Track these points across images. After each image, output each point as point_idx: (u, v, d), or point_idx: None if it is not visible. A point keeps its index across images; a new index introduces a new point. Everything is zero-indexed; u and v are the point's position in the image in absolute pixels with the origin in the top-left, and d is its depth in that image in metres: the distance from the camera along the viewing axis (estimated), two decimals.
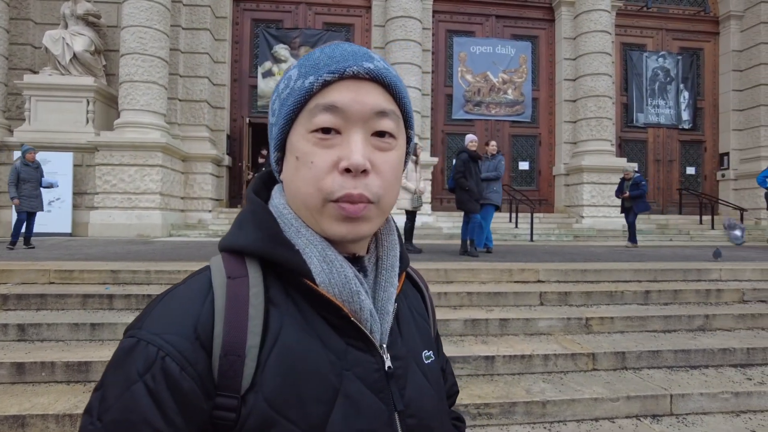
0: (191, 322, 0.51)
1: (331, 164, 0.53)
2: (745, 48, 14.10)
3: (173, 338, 0.50)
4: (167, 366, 0.48)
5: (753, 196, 13.47)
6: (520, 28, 13.92)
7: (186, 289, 0.55)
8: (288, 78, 0.57)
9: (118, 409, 0.48)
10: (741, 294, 4.99)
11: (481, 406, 3.01)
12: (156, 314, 0.52)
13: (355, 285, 0.56)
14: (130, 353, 0.49)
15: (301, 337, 0.53)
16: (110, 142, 10.06)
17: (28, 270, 4.66)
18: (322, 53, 0.56)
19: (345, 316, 0.55)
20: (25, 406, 2.82)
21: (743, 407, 3.28)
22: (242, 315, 0.52)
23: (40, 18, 11.66)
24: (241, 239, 0.58)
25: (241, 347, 0.51)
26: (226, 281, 0.54)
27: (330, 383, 0.52)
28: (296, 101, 0.55)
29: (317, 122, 0.54)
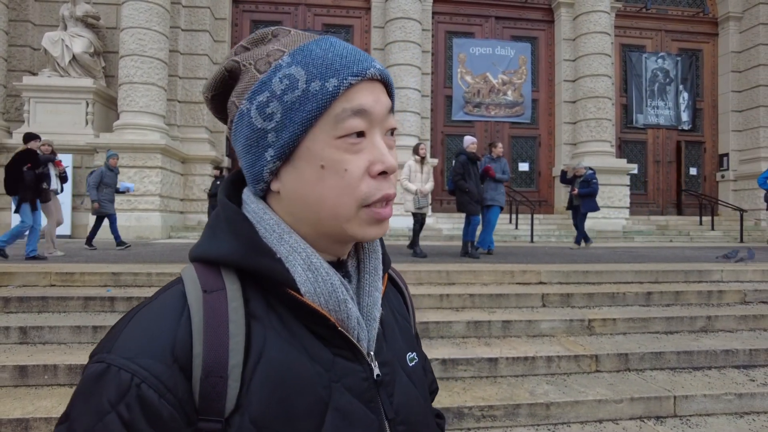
0: (167, 343, 0.46)
1: (364, 169, 0.52)
2: (744, 49, 14.14)
3: (148, 362, 0.45)
4: (143, 393, 0.44)
5: (752, 197, 13.50)
6: (519, 30, 13.94)
7: (158, 306, 0.50)
8: (290, 77, 0.51)
9: None
10: (743, 295, 4.99)
11: (485, 408, 3.00)
12: (127, 336, 0.47)
13: (342, 293, 0.53)
14: (99, 380, 0.44)
15: (286, 351, 0.50)
16: (110, 143, 10.03)
17: (29, 272, 4.65)
18: (330, 53, 0.52)
19: (332, 325, 0.52)
20: (29, 409, 2.81)
21: (747, 408, 3.28)
22: (222, 332, 0.48)
23: (39, 20, 11.65)
24: (216, 249, 0.53)
25: (223, 367, 0.47)
26: (201, 295, 0.50)
27: (319, 397, 0.50)
28: (319, 106, 0.50)
29: (348, 127, 0.51)
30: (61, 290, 4.40)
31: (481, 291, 4.73)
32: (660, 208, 14.33)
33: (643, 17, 14.25)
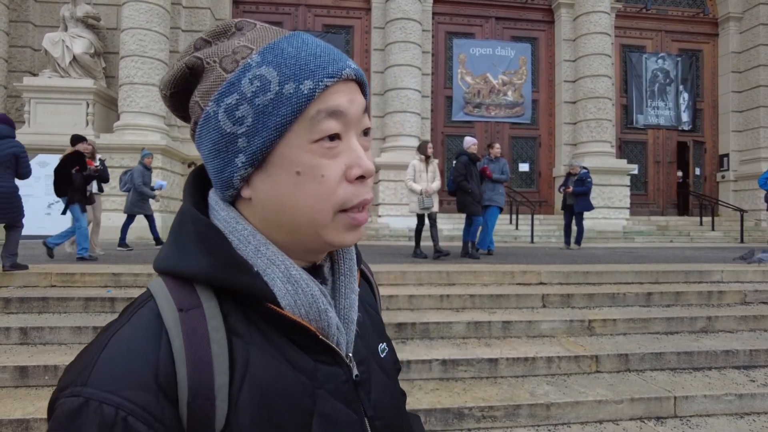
0: (149, 370, 0.43)
1: (341, 174, 0.50)
2: (744, 49, 14.14)
3: (132, 393, 0.41)
4: (131, 427, 0.40)
5: (753, 198, 13.49)
6: (519, 30, 13.95)
7: (133, 330, 0.45)
8: (261, 78, 0.48)
9: None
10: (743, 295, 4.99)
11: (485, 409, 3.01)
12: (102, 365, 0.43)
13: (322, 303, 0.52)
14: (77, 417, 0.40)
15: (270, 366, 0.49)
16: (110, 144, 10.04)
17: (29, 273, 4.65)
18: (302, 51, 0.49)
19: (312, 335, 0.51)
20: (29, 410, 2.81)
21: (747, 409, 3.28)
22: (205, 353, 0.46)
23: (39, 20, 11.66)
24: (188, 264, 0.49)
25: (209, 389, 0.45)
26: (178, 315, 0.47)
27: (305, 407, 0.50)
28: (294, 110, 0.47)
29: (324, 129, 0.48)
30: (62, 291, 4.41)
31: (482, 291, 4.73)
32: (660, 209, 14.33)
33: (643, 18, 14.26)
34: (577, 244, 9.27)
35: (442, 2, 13.45)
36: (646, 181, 14.27)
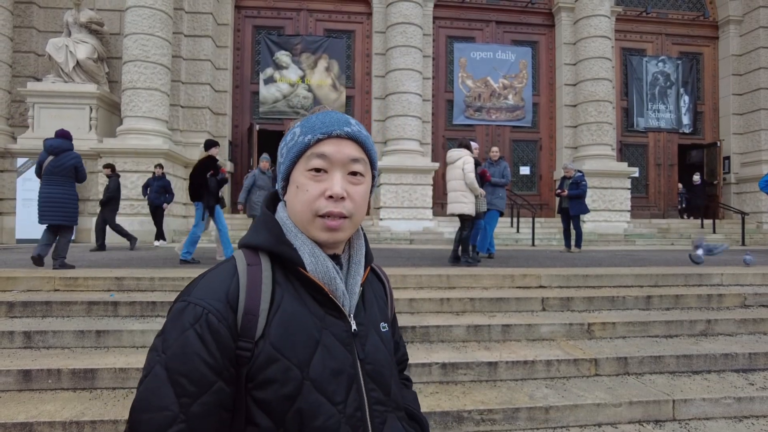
0: (224, 292, 0.75)
1: (320, 192, 0.79)
2: (745, 52, 14.16)
3: (213, 302, 0.73)
4: (210, 319, 0.71)
5: (754, 200, 13.50)
6: (520, 34, 14.00)
7: (219, 272, 0.78)
8: (293, 133, 0.83)
9: (177, 346, 0.70)
10: (743, 299, 5.00)
11: (484, 412, 3.02)
12: (199, 287, 0.75)
13: (333, 273, 0.81)
14: (183, 311, 0.73)
15: (295, 306, 0.77)
16: (113, 148, 10.11)
17: (33, 277, 4.68)
18: (317, 119, 0.81)
19: (325, 293, 0.80)
20: (33, 413, 2.84)
21: (746, 412, 3.28)
22: (257, 289, 0.76)
23: (43, 26, 11.76)
24: (257, 239, 0.82)
25: (256, 310, 0.74)
26: (246, 267, 0.78)
27: (313, 336, 0.76)
28: (299, 150, 0.81)
29: (312, 164, 0.79)
30: (65, 295, 4.43)
31: (482, 295, 4.74)
32: (661, 211, 14.34)
33: (643, 21, 14.30)
34: (577, 247, 9.28)
35: (442, 6, 13.52)
36: (647, 183, 14.28)
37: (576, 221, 9.13)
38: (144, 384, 0.71)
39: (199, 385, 0.69)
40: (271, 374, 0.72)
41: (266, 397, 0.72)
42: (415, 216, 11.85)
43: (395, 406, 0.86)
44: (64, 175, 5.65)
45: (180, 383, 0.69)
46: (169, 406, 0.68)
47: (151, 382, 0.70)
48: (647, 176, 14.30)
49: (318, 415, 0.73)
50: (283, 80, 13.13)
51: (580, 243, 9.32)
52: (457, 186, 6.41)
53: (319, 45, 13.19)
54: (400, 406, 0.88)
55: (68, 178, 5.67)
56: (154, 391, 0.69)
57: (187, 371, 0.69)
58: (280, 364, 0.73)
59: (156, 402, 0.68)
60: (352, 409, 0.77)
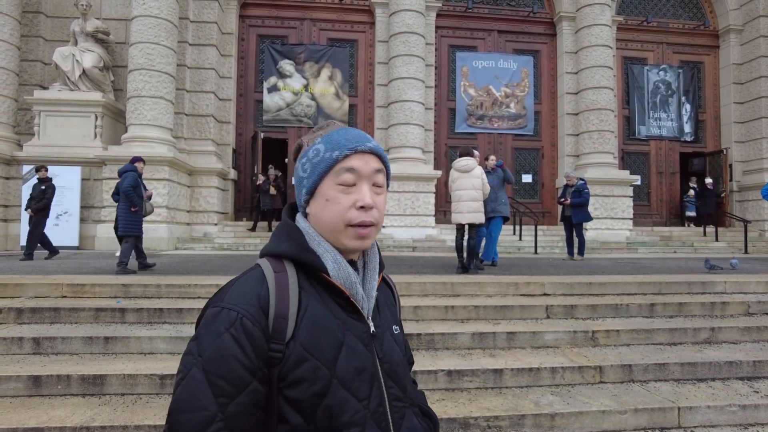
0: (256, 297, 0.80)
1: (351, 204, 0.85)
2: (745, 61, 14.24)
3: (246, 306, 0.78)
4: (244, 323, 0.76)
5: (756, 208, 13.51)
6: (521, 43, 14.10)
7: (249, 279, 0.83)
8: (316, 150, 0.88)
9: (213, 349, 0.75)
10: (746, 306, 5.02)
11: (490, 419, 3.04)
12: (231, 293, 0.80)
13: (354, 277, 0.87)
14: (217, 316, 0.77)
15: (320, 309, 0.83)
16: (118, 156, 10.16)
17: (40, 284, 4.73)
18: (340, 136, 0.87)
19: (347, 297, 0.86)
20: (43, 418, 2.87)
21: (751, 420, 3.30)
22: (285, 295, 0.81)
23: (50, 35, 11.88)
24: (281, 247, 0.87)
25: (285, 314, 0.80)
26: (273, 274, 0.83)
27: (338, 337, 0.82)
28: (327, 165, 0.86)
29: (342, 178, 0.85)
30: (73, 301, 4.48)
31: (486, 303, 4.77)
32: (663, 219, 14.36)
33: (644, 30, 14.40)
34: (580, 254, 9.30)
35: (445, 16, 13.63)
36: (648, 191, 14.31)
37: (579, 229, 9.16)
38: (181, 386, 0.74)
39: (236, 385, 0.73)
40: (301, 373, 0.77)
41: (297, 396, 0.77)
42: (417, 223, 11.89)
43: (410, 402, 0.91)
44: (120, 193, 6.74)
45: (218, 384, 0.73)
46: (207, 406, 0.72)
47: (189, 383, 0.73)
48: (649, 184, 14.33)
49: (345, 410, 0.79)
50: (287, 89, 13.22)
51: (583, 251, 9.34)
52: (476, 195, 6.44)
53: (322, 54, 13.30)
54: (415, 403, 0.94)
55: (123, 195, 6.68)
56: (193, 392, 0.73)
57: (225, 373, 0.73)
58: (310, 364, 0.78)
59: (195, 402, 0.72)
60: (375, 405, 0.83)
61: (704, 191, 13.69)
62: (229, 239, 11.31)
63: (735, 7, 14.39)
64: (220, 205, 12.12)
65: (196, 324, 0.82)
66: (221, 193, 12.24)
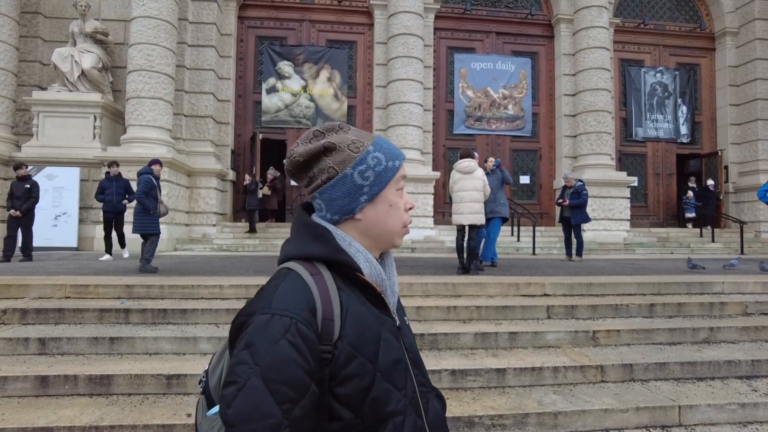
0: (305, 301, 0.81)
1: (403, 206, 0.94)
2: (741, 63, 14.36)
3: (298, 311, 0.79)
4: (300, 327, 0.77)
5: (752, 209, 13.62)
6: (520, 45, 14.17)
7: (290, 283, 0.84)
8: (377, 158, 0.91)
9: (271, 356, 0.75)
10: (744, 307, 5.08)
11: (495, 417, 3.08)
12: (278, 299, 0.80)
13: (383, 275, 0.92)
14: (269, 323, 0.77)
15: (359, 307, 0.86)
16: (117, 156, 10.13)
17: (44, 285, 4.74)
18: (389, 146, 0.94)
19: (378, 294, 0.90)
20: (52, 418, 2.89)
21: (750, 418, 3.35)
22: (328, 296, 0.83)
23: (48, 36, 11.86)
24: (313, 250, 0.88)
25: (331, 315, 0.82)
26: (312, 277, 0.84)
27: (376, 333, 0.86)
28: (393, 174, 0.92)
29: (401, 185, 0.94)
30: (77, 302, 4.49)
31: (488, 303, 4.81)
32: (660, 220, 14.45)
33: (641, 32, 14.50)
34: (578, 255, 9.36)
35: (443, 18, 13.69)
36: (646, 193, 14.40)
37: (577, 230, 9.22)
38: (239, 397, 0.73)
39: (298, 390, 0.74)
40: (351, 371, 0.80)
41: (347, 392, 0.80)
42: (416, 224, 11.92)
43: (430, 387, 0.97)
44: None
45: (280, 391, 0.73)
46: (273, 413, 0.72)
47: (249, 393, 0.73)
48: (646, 185, 14.42)
49: (390, 401, 0.83)
50: (286, 90, 13.24)
51: (581, 252, 9.40)
52: (477, 197, 6.49)
53: (321, 55, 13.33)
54: (432, 387, 0.99)
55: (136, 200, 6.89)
56: (255, 401, 0.72)
57: (286, 378, 0.74)
58: (358, 361, 0.81)
59: (259, 411, 0.72)
60: (411, 392, 0.88)
61: (706, 192, 13.74)
62: (228, 240, 11.31)
63: (731, 10, 14.51)
64: (218, 206, 12.13)
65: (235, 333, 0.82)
66: (220, 194, 12.24)
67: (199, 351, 3.82)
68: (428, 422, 0.91)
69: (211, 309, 4.35)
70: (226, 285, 4.86)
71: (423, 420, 0.89)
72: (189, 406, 3.13)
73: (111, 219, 8.70)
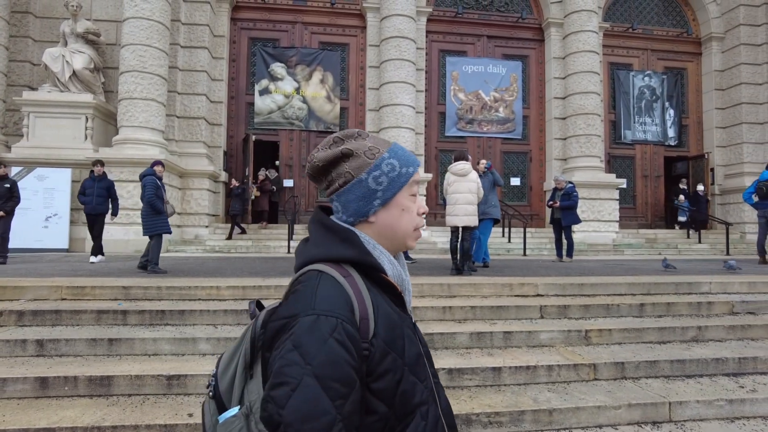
0: (345, 302, 0.84)
1: (416, 211, 0.99)
2: (727, 68, 14.64)
3: (342, 312, 0.83)
4: (345, 327, 0.81)
5: (737, 211, 13.89)
6: (510, 48, 14.32)
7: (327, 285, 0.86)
8: (391, 165, 0.95)
9: (323, 355, 0.78)
10: (731, 306, 5.21)
11: (491, 415, 3.15)
12: (320, 300, 0.83)
13: (403, 276, 0.98)
14: (315, 323, 0.80)
15: (386, 307, 0.90)
16: (109, 158, 10.10)
17: (40, 286, 4.73)
18: (404, 153, 0.98)
19: (399, 294, 0.96)
20: (53, 419, 2.90)
21: (737, 414, 3.46)
22: (362, 297, 0.87)
23: (39, 36, 11.78)
24: (344, 252, 0.91)
25: (366, 315, 0.86)
26: (344, 279, 0.87)
27: (401, 329, 0.91)
28: (406, 179, 0.97)
29: (414, 190, 0.99)
30: (73, 304, 4.49)
31: (482, 303, 4.89)
32: (648, 222, 14.67)
33: (629, 37, 14.73)
34: (568, 256, 9.49)
35: (435, 21, 13.80)
36: (634, 194, 14.62)
37: (568, 231, 9.35)
38: (294, 396, 0.75)
39: (348, 386, 0.78)
40: (386, 366, 0.85)
41: (382, 386, 0.84)
42: None
43: (438, 378, 1.03)
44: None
45: (333, 388, 0.76)
46: (328, 410, 0.75)
47: (304, 392, 0.75)
48: (635, 187, 14.64)
49: (416, 393, 0.89)
50: (278, 91, 13.26)
51: (572, 252, 9.53)
52: (471, 199, 6.58)
53: (314, 57, 13.37)
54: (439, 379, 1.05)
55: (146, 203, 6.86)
56: (311, 400, 0.75)
57: (338, 376, 0.77)
58: (391, 357, 0.86)
59: (315, 409, 0.75)
60: (430, 384, 0.94)
61: (697, 197, 13.95)
62: (221, 242, 11.30)
63: (717, 15, 14.80)
64: (211, 207, 12.11)
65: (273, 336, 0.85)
66: (212, 195, 12.23)
67: (198, 352, 3.84)
68: (442, 410, 0.97)
69: (208, 310, 4.38)
70: (223, 286, 4.88)
71: (438, 408, 0.95)
72: (190, 405, 3.16)
73: (92, 221, 8.34)
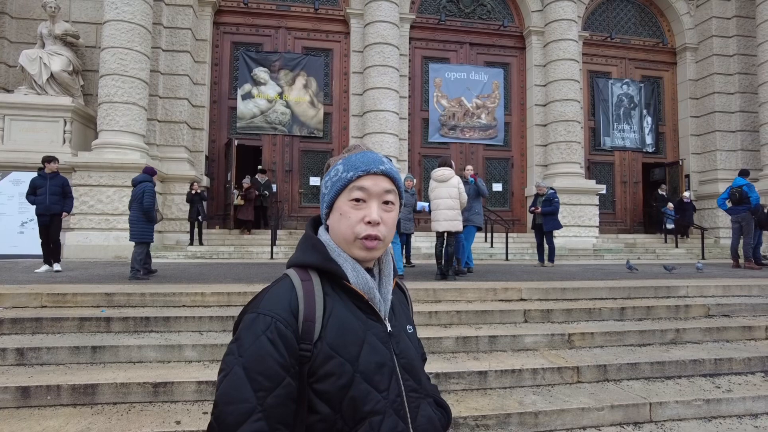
0: (287, 303, 0.90)
1: (360, 218, 0.96)
2: (700, 77, 15.10)
3: (279, 312, 0.88)
4: (278, 326, 0.87)
5: (712, 216, 14.29)
6: (492, 56, 14.54)
7: (280, 287, 0.94)
8: (337, 170, 1.00)
9: (253, 349, 0.85)
10: (707, 309, 5.36)
11: (478, 418, 3.19)
12: (265, 300, 0.91)
13: (371, 284, 0.97)
14: (254, 320, 0.88)
15: (343, 312, 0.93)
16: (88, 162, 9.96)
17: (18, 294, 4.63)
18: (357, 159, 0.99)
19: (366, 301, 0.96)
20: (36, 429, 2.85)
21: (714, 413, 3.56)
22: (312, 301, 0.91)
23: (15, 37, 11.55)
24: (307, 259, 0.98)
25: (313, 317, 0.90)
26: (301, 283, 0.93)
27: (360, 336, 0.92)
28: (343, 184, 0.98)
29: (354, 195, 0.97)
30: (54, 311, 4.40)
31: (467, 308, 4.94)
32: (627, 227, 14.99)
33: (608, 46, 15.08)
34: (550, 261, 9.64)
35: (418, 28, 13.93)
36: (613, 200, 14.92)
37: (549, 237, 9.49)
38: (225, 382, 0.84)
39: (272, 380, 0.84)
40: (329, 369, 0.87)
41: (325, 389, 0.87)
42: None
43: (425, 393, 1.01)
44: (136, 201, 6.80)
45: (257, 380, 0.83)
46: (249, 398, 0.82)
47: (232, 379, 0.84)
48: (614, 193, 14.95)
49: (368, 401, 0.89)
50: (261, 96, 13.22)
51: (553, 257, 9.67)
52: (453, 204, 6.63)
53: (297, 62, 13.36)
54: (430, 394, 1.04)
55: (138, 203, 6.76)
56: (236, 387, 0.83)
57: (263, 369, 0.84)
58: (336, 361, 0.88)
59: (238, 395, 0.83)
60: (393, 396, 0.93)
61: (682, 204, 14.13)
62: (203, 247, 11.17)
63: (690, 26, 15.26)
64: None
65: (234, 328, 0.93)
66: None
67: (184, 359, 3.81)
68: (415, 427, 0.95)
69: (194, 317, 4.34)
70: (208, 293, 4.84)
71: (407, 424, 0.93)
72: (177, 413, 3.13)
73: (46, 223, 7.50)
